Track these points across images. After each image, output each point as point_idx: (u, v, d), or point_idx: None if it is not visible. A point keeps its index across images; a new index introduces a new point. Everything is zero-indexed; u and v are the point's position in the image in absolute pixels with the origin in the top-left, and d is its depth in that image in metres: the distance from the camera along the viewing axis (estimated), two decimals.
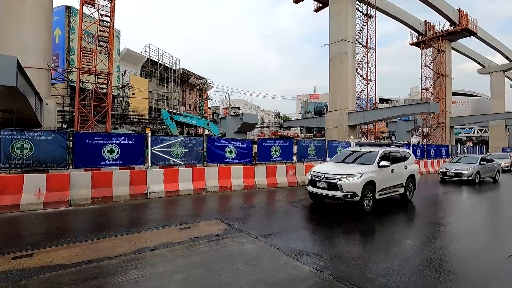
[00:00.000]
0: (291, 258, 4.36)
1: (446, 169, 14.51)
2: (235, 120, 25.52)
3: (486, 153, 32.62)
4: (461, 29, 36.72)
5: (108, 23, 17.95)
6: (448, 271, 4.11)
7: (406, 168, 8.91)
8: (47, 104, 14.73)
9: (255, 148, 12.14)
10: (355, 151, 9.06)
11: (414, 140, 38.54)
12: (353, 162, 8.34)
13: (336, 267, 4.08)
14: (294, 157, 12.93)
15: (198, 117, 27.74)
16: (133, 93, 29.53)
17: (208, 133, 24.94)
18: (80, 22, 17.07)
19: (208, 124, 25.30)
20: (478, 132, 65.17)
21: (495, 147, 47.59)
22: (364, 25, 30.44)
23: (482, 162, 14.42)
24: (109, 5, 17.63)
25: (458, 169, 13.87)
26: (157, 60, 36.72)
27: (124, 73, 29.21)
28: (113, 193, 8.23)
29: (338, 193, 7.15)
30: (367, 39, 30.41)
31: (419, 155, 19.20)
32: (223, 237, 5.28)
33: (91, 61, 17.62)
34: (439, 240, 5.51)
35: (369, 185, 7.42)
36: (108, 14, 17.80)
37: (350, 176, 7.27)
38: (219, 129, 25.94)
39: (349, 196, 7.06)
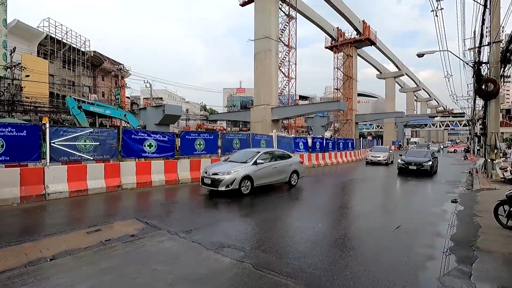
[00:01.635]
0: (212, 251, 4.33)
1: (205, 173, 8.91)
2: (157, 112, 24.02)
3: (381, 145, 38.61)
4: (364, 38, 42.73)
5: None
6: None
7: None
8: None
9: (178, 142, 11.62)
10: None
11: (327, 134, 43.28)
12: None
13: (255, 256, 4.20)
14: (219, 151, 12.90)
15: (113, 107, 24.80)
16: (27, 75, 24.52)
17: (125, 125, 22.72)
18: None
19: (125, 115, 22.88)
20: (376, 128, 77.32)
21: (388, 140, 57.67)
22: (286, 25, 32.27)
23: (259, 161, 9.14)
24: None
25: (217, 173, 8.51)
26: (60, 39, 31.30)
27: (14, 50, 23.94)
28: None
29: None
30: (289, 39, 32.38)
31: (331, 147, 21.58)
32: (140, 237, 4.89)
33: None
34: None
35: None
36: None
37: None
38: (139, 121, 23.88)
39: None
